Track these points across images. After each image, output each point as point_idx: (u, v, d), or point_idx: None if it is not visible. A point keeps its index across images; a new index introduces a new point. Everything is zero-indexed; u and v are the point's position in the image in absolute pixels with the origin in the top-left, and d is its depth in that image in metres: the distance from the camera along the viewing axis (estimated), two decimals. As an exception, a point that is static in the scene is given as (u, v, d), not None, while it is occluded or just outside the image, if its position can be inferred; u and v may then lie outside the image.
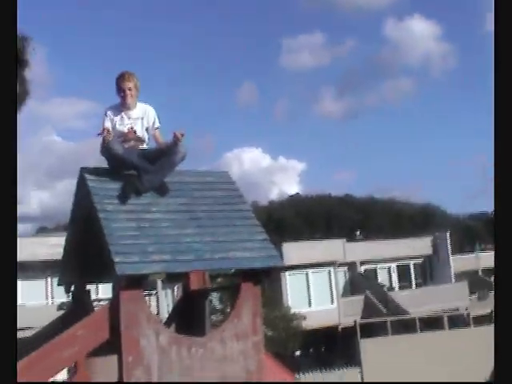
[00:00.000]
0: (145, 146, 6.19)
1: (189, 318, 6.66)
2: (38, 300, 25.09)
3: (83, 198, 5.87)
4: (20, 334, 5.68)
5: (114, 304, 5.15)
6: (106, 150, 5.79)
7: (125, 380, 4.97)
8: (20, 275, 30.56)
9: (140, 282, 5.26)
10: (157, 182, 5.89)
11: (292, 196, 77.13)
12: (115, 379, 5.11)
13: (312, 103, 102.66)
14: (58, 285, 6.56)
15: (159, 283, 26.31)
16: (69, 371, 6.34)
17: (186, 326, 6.59)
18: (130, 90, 6.06)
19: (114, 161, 5.86)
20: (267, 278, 6.04)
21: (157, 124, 6.23)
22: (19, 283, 30.35)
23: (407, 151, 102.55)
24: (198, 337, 5.60)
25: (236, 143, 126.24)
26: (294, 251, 31.77)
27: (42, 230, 53.75)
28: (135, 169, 5.85)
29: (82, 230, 6.17)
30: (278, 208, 72.10)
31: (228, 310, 5.73)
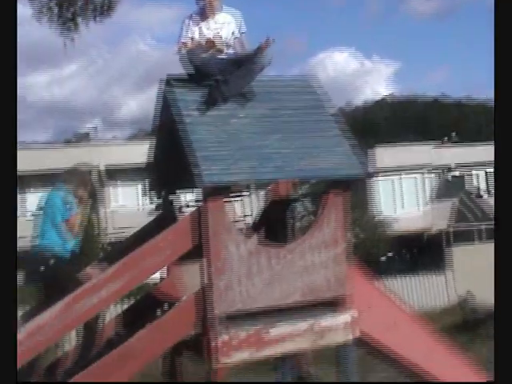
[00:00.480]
0: (227, 53, 6.05)
1: (273, 226, 6.68)
2: (132, 204, 25.97)
3: (165, 107, 5.85)
4: (117, 235, 5.89)
5: (199, 212, 5.19)
6: (187, 60, 5.70)
7: (210, 287, 5.06)
8: (119, 178, 31.76)
9: (224, 191, 5.26)
10: (238, 91, 5.78)
11: (383, 98, 75.39)
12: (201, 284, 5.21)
13: (402, 2, 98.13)
14: (149, 191, 6.69)
15: (247, 189, 26.65)
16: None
17: (271, 234, 6.62)
18: None
19: (195, 71, 5.77)
20: (351, 187, 5.88)
21: (243, 29, 6.04)
22: (119, 187, 31.56)
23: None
24: (282, 245, 5.60)
25: (325, 46, 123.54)
26: (385, 155, 31.33)
27: (135, 136, 55.03)
28: (217, 77, 5.74)
29: (166, 138, 6.19)
30: (369, 111, 70.82)
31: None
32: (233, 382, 6.82)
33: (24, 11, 17.04)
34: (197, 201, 5.74)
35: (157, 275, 6.59)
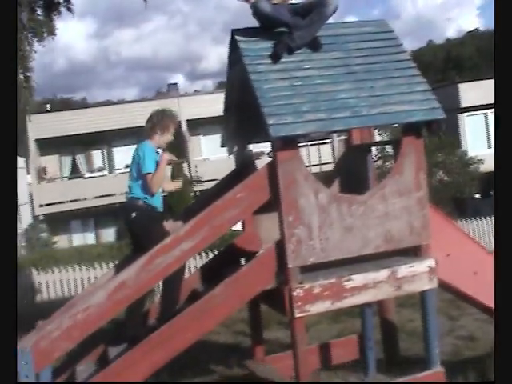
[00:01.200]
0: (295, 1, 5.93)
1: (352, 173, 6.61)
2: (217, 154, 26.16)
3: (236, 59, 5.80)
4: (204, 186, 5.96)
5: (272, 165, 5.18)
6: (253, 10, 5.62)
7: (287, 239, 5.08)
8: (202, 131, 32.12)
9: (296, 142, 5.21)
10: (308, 38, 5.65)
11: (471, 32, 72.51)
12: (278, 236, 5.23)
13: None
14: (222, 146, 6.72)
15: (334, 134, 26.37)
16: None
17: (350, 181, 6.56)
18: None
19: (264, 20, 5.68)
20: (430, 131, 5.71)
21: None
22: (202, 139, 31.92)
23: None
24: (361, 193, 5.53)
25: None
26: (473, 91, 30.24)
27: (222, 86, 55.09)
28: (285, 26, 5.64)
29: (238, 91, 6.18)
30: (456, 45, 68.34)
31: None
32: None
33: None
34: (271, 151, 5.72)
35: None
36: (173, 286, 5.66)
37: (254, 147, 6.77)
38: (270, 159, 5.28)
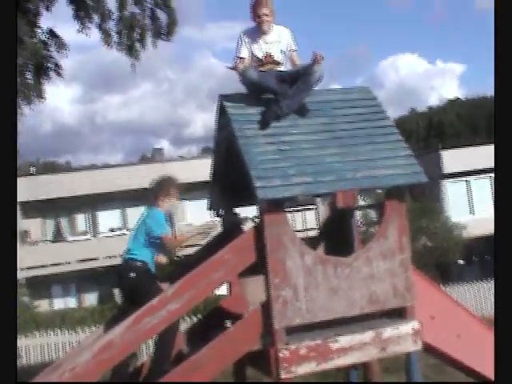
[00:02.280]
0: (282, 69, 6.14)
1: (337, 236, 6.69)
2: (202, 219, 26.29)
3: (224, 124, 5.96)
4: (188, 251, 6.04)
5: (259, 227, 5.26)
6: (242, 77, 5.82)
7: (273, 300, 5.12)
8: (186, 196, 32.25)
9: (282, 205, 5.32)
10: (295, 106, 5.84)
11: (452, 100, 74.11)
12: (264, 298, 5.27)
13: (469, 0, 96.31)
14: (209, 209, 6.81)
15: (318, 199, 26.62)
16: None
17: (335, 244, 6.64)
18: (265, 15, 5.98)
19: (252, 87, 5.87)
20: (417, 193, 5.87)
21: (293, 47, 6.13)
22: (188, 204, 32.03)
23: None
24: (346, 256, 5.61)
25: (390, 50, 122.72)
26: (455, 158, 30.78)
27: (206, 151, 55.63)
28: (273, 93, 5.83)
29: (225, 155, 6.31)
30: (438, 113, 69.70)
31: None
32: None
33: (93, 37, 17.66)
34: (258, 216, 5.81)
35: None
36: (166, 344, 5.65)
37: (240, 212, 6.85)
38: (254, 224, 5.37)
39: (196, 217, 30.21)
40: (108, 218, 32.30)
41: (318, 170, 5.44)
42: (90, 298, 30.53)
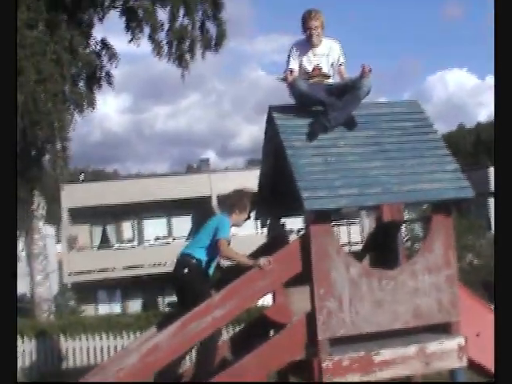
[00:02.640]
0: (330, 81, 6.20)
1: (382, 249, 6.69)
2: (248, 230, 26.40)
3: (272, 135, 6.04)
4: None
5: (305, 238, 5.31)
6: (291, 88, 5.90)
7: (317, 311, 5.16)
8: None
9: (329, 216, 5.36)
10: (343, 118, 5.89)
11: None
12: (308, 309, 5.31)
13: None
14: (256, 219, 6.88)
15: (363, 212, 26.46)
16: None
17: (380, 257, 6.64)
18: (316, 28, 6.06)
19: (301, 98, 5.94)
20: (457, 209, 5.89)
21: (342, 60, 6.20)
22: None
23: None
24: (391, 269, 5.62)
25: (439, 65, 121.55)
26: (503, 175, 30.26)
27: (252, 163, 55.72)
28: (321, 105, 5.89)
29: (273, 166, 6.38)
30: (487, 129, 68.63)
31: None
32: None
33: (144, 48, 18.04)
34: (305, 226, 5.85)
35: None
36: (208, 351, 5.71)
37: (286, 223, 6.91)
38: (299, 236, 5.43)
39: (239, 228, 30.33)
40: (154, 227, 32.65)
41: (364, 182, 5.47)
42: (135, 305, 30.85)
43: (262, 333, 6.30)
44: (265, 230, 7.14)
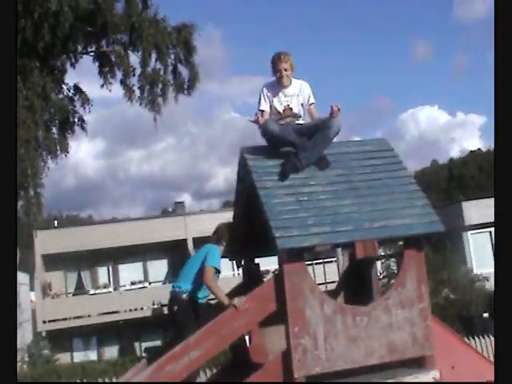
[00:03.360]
0: (301, 122, 6.32)
1: (356, 286, 6.74)
2: (225, 271, 26.30)
3: (245, 176, 6.12)
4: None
5: (279, 277, 5.36)
6: (262, 130, 6.00)
7: (293, 349, 5.17)
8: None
9: (302, 255, 5.42)
10: (314, 158, 6.00)
11: (473, 152, 74.06)
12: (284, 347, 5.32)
13: (489, 53, 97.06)
14: (230, 260, 6.91)
15: (339, 250, 26.51)
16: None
17: (354, 294, 6.68)
18: (285, 70, 6.20)
19: (272, 140, 6.04)
20: (429, 244, 5.97)
21: (312, 100, 6.34)
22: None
23: None
24: (366, 305, 5.66)
25: (411, 103, 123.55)
26: (477, 209, 30.60)
27: (227, 205, 55.72)
28: (292, 146, 6.00)
29: (246, 206, 6.44)
30: (459, 165, 69.62)
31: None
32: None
33: (117, 92, 18.17)
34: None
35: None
36: None
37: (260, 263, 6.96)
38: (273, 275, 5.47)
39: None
40: (129, 271, 32.38)
41: (336, 220, 5.55)
42: (111, 351, 30.39)
43: (239, 373, 6.27)
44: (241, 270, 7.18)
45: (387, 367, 5.54)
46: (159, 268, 32.01)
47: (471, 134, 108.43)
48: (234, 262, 7.00)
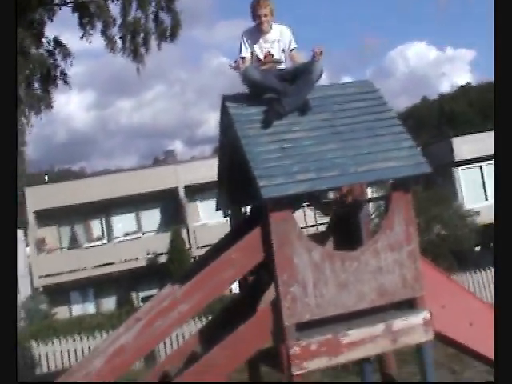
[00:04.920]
0: (282, 67, 6.18)
1: (345, 231, 6.71)
2: (216, 219, 26.36)
3: (227, 125, 6.00)
4: (201, 251, 6.16)
5: (265, 226, 5.30)
6: (243, 77, 5.86)
7: (282, 297, 5.16)
8: (199, 197, 32.32)
9: (287, 203, 5.35)
10: (297, 103, 5.88)
11: (463, 86, 73.73)
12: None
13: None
14: (216, 210, 6.86)
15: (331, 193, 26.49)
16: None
17: (344, 239, 6.66)
18: (265, 16, 6.03)
19: (253, 86, 5.91)
20: (416, 185, 5.94)
21: (293, 45, 6.19)
22: (200, 205, 32.03)
23: None
24: (355, 249, 5.63)
25: (398, 40, 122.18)
26: (467, 145, 30.61)
27: (218, 151, 55.27)
28: (274, 92, 5.87)
29: (230, 156, 6.35)
30: (449, 100, 69.40)
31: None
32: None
33: (101, 44, 17.83)
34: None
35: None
36: None
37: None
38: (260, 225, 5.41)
39: (209, 217, 30.32)
40: (123, 223, 32.42)
41: (321, 166, 5.47)
42: (109, 303, 30.68)
43: (230, 323, 6.29)
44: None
45: (378, 311, 5.54)
46: (152, 218, 32.05)
47: (461, 69, 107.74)
48: (221, 211, 6.92)
